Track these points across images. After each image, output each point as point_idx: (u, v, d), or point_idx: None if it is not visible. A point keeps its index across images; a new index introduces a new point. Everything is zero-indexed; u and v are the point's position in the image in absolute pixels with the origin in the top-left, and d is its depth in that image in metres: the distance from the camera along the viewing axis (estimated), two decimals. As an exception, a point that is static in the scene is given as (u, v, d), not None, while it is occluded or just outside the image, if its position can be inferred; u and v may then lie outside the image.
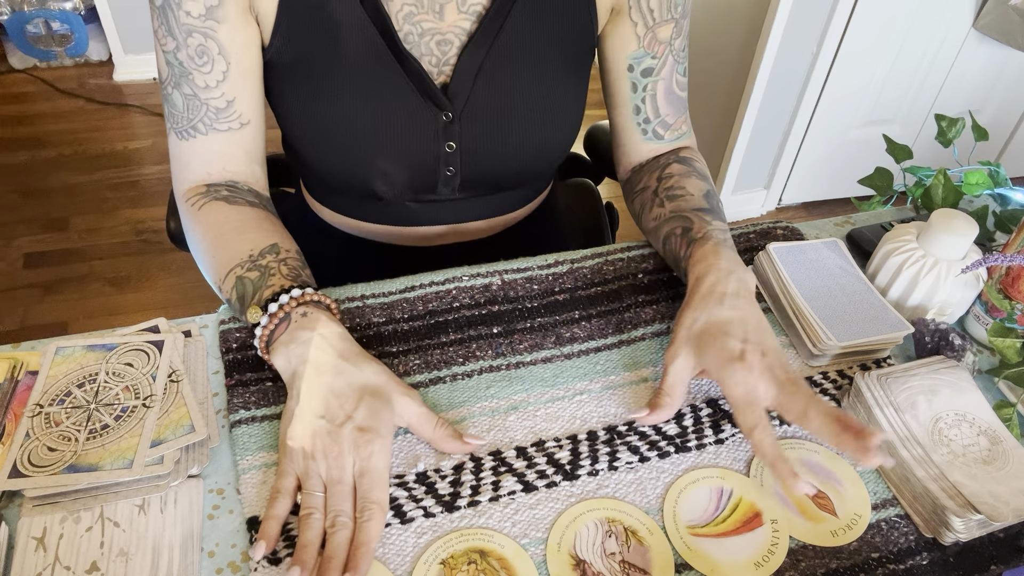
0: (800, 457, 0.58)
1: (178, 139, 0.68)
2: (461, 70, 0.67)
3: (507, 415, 0.59)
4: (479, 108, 0.69)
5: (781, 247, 0.72)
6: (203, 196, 0.67)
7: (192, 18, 0.62)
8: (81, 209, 2.05)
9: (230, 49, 0.64)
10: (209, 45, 0.63)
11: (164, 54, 0.64)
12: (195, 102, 0.65)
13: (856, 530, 0.54)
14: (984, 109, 2.11)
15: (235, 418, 0.57)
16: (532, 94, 0.70)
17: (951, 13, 1.87)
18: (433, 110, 0.68)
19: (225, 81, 0.65)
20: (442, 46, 0.66)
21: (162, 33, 0.63)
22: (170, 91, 0.65)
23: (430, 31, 0.66)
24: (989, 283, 0.68)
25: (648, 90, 0.74)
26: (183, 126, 0.67)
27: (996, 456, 0.56)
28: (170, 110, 0.67)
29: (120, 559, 0.48)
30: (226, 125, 0.67)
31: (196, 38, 0.62)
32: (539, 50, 0.69)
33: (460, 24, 0.66)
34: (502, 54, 0.68)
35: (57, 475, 0.51)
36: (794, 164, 2.12)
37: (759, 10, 1.84)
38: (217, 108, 0.66)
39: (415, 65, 0.66)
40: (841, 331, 0.64)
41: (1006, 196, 0.80)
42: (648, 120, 0.76)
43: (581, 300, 0.70)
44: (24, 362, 0.60)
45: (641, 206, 0.76)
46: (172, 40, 0.63)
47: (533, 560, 0.51)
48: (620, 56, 0.73)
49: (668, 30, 0.72)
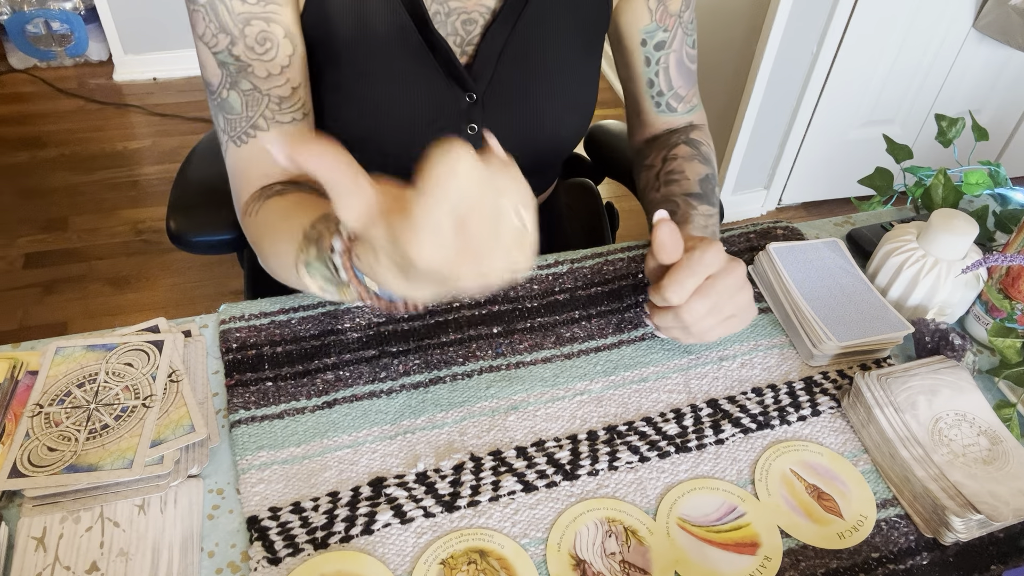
0: (803, 459, 0.58)
1: (236, 147, 0.62)
2: (485, 50, 0.67)
3: (507, 415, 0.59)
4: (501, 90, 0.69)
5: (781, 247, 0.72)
6: (256, 200, 0.62)
7: (250, 5, 0.58)
8: (81, 209, 2.05)
9: (295, 31, 0.61)
10: (272, 30, 0.59)
11: (215, 56, 0.60)
12: (255, 96, 0.61)
13: (863, 531, 0.54)
14: (984, 109, 2.11)
15: (235, 418, 0.57)
16: (552, 76, 0.71)
17: (951, 13, 1.87)
18: (456, 91, 0.68)
19: (291, 66, 0.61)
20: (467, 25, 0.66)
21: (211, 33, 0.59)
22: (225, 95, 0.61)
23: (456, 10, 0.65)
24: (989, 283, 0.68)
25: (661, 63, 0.76)
26: (242, 128, 0.62)
27: (996, 456, 0.56)
28: (225, 117, 0.62)
29: (120, 559, 0.48)
30: (290, 116, 0.63)
31: (256, 25, 0.59)
32: (559, 30, 0.69)
33: (485, 3, 0.66)
34: (524, 34, 0.68)
35: (57, 475, 0.51)
36: (794, 164, 2.11)
37: (759, 10, 1.84)
38: (281, 97, 0.62)
39: (443, 46, 0.65)
40: (841, 331, 0.64)
41: (1006, 196, 0.80)
42: (662, 93, 0.78)
43: (581, 300, 0.70)
44: (24, 362, 0.60)
45: (645, 184, 0.78)
46: (225, 36, 0.59)
47: (533, 560, 0.50)
48: (634, 31, 0.75)
49: (678, 3, 0.73)
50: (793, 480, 0.57)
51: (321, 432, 0.57)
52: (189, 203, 0.86)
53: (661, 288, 0.57)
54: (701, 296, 0.57)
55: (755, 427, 0.60)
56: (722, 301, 0.57)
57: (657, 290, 0.58)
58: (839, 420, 0.62)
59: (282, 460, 0.55)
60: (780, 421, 0.61)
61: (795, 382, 0.64)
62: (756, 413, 0.61)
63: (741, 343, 0.67)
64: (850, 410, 0.61)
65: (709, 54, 2.08)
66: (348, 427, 0.57)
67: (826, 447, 0.59)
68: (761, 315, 0.70)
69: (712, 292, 0.57)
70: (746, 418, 0.61)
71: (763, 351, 0.67)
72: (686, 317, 0.57)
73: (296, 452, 0.55)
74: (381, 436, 0.57)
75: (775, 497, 0.55)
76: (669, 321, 0.59)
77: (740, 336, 0.68)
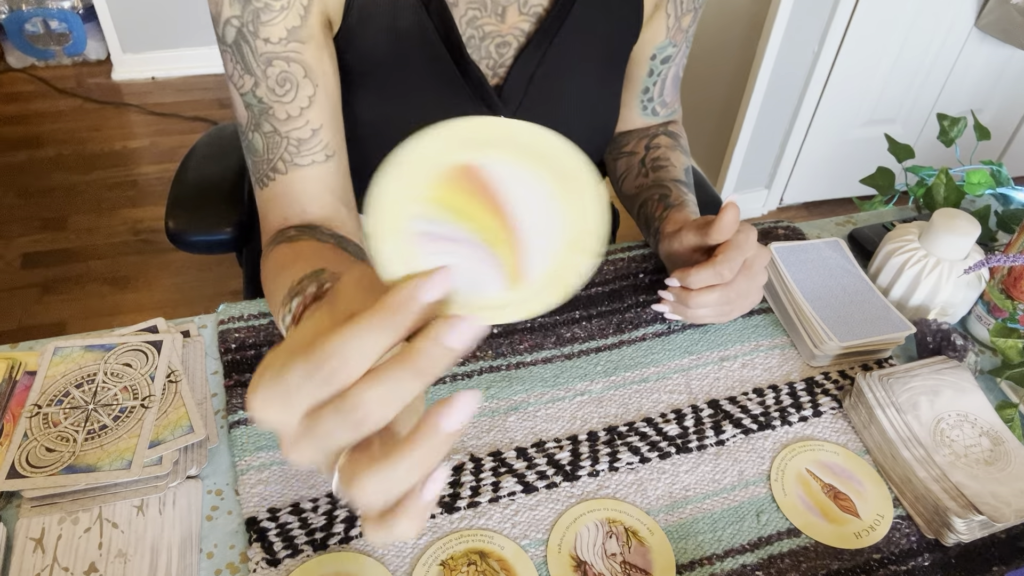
0: (819, 458, 0.58)
1: (259, 189, 0.61)
2: (516, 73, 0.66)
3: (507, 415, 0.59)
4: (530, 112, 0.69)
5: (782, 247, 0.72)
6: (270, 243, 0.60)
7: (272, 44, 0.56)
8: (79, 209, 2.05)
9: (316, 69, 0.58)
10: (293, 70, 0.57)
11: (242, 97, 0.59)
12: (275, 139, 0.59)
13: (880, 530, 0.54)
14: (986, 108, 2.10)
15: (234, 419, 0.57)
16: (581, 98, 0.71)
17: (953, 12, 1.86)
18: (485, 113, 0.67)
19: (311, 107, 0.59)
20: (500, 48, 0.65)
21: (238, 74, 0.58)
22: (251, 137, 0.60)
23: (491, 34, 0.64)
24: (991, 283, 0.68)
25: (661, 75, 0.78)
26: (263, 171, 0.60)
27: (998, 457, 0.56)
28: (252, 160, 0.61)
29: (119, 560, 0.48)
30: (309, 159, 0.60)
31: (278, 66, 0.57)
32: (591, 52, 0.69)
33: (520, 26, 0.65)
34: (556, 57, 0.67)
35: (55, 476, 0.51)
36: (795, 164, 2.11)
37: (760, 9, 1.83)
38: (299, 139, 0.59)
39: (476, 72, 0.65)
40: (843, 331, 0.64)
41: (1008, 196, 0.79)
42: (652, 100, 0.80)
43: (581, 300, 0.69)
44: (22, 362, 0.59)
45: (626, 169, 0.79)
46: (250, 77, 0.57)
47: (533, 561, 0.50)
48: (649, 47, 0.75)
49: (689, 19, 0.74)
50: (809, 480, 0.57)
51: (320, 433, 0.56)
52: (188, 203, 0.86)
53: (715, 264, 0.58)
54: (745, 275, 0.58)
55: (756, 428, 0.60)
56: (754, 282, 0.60)
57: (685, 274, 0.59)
58: (840, 421, 0.61)
59: (281, 461, 0.54)
60: (781, 422, 0.61)
61: (796, 382, 0.64)
62: (757, 414, 0.61)
63: (742, 343, 0.67)
64: (851, 411, 0.61)
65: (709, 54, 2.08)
66: (347, 428, 0.57)
67: (842, 447, 0.59)
68: (762, 315, 0.70)
69: (751, 272, 0.59)
70: (747, 419, 0.61)
71: (764, 351, 0.67)
72: (731, 295, 0.59)
73: (295, 453, 0.55)
74: (381, 437, 0.57)
75: (791, 497, 0.55)
76: (712, 299, 0.59)
77: (741, 336, 0.68)
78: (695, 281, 0.58)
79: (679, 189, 0.71)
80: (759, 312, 0.70)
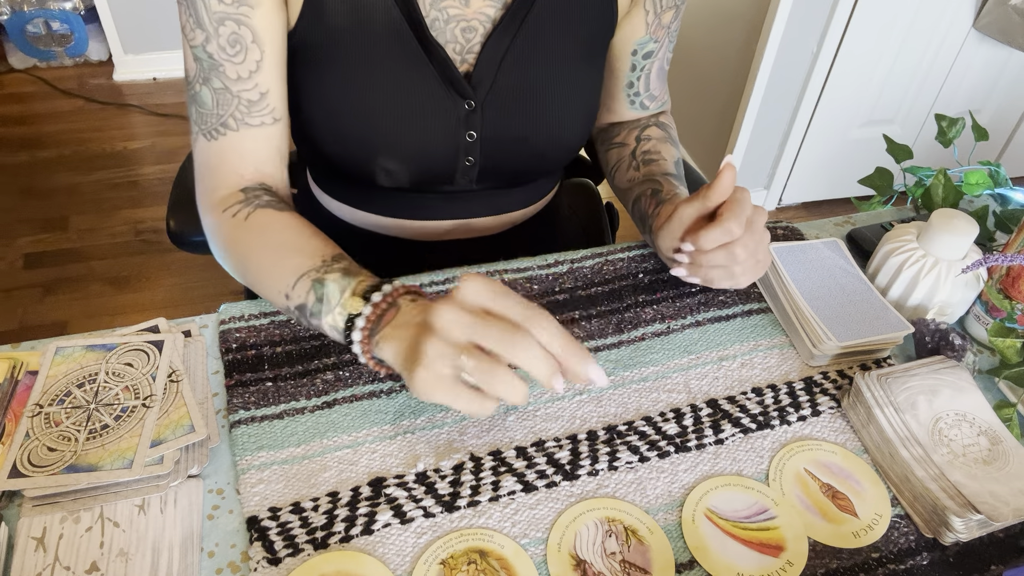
0: (817, 458, 0.58)
1: (206, 141, 0.64)
2: (485, 58, 0.67)
3: (507, 415, 0.59)
4: (501, 97, 0.69)
5: (781, 247, 0.72)
6: (243, 204, 0.63)
7: (224, 5, 0.59)
8: (81, 209, 2.05)
9: (264, 36, 0.61)
10: (242, 32, 0.60)
11: (192, 50, 0.61)
12: (226, 96, 0.62)
13: (878, 530, 0.54)
14: (984, 109, 2.11)
15: (235, 418, 0.57)
16: (554, 84, 0.71)
17: (951, 13, 1.87)
18: (455, 98, 0.68)
19: (259, 71, 0.62)
20: (466, 33, 0.66)
21: (190, 26, 0.60)
22: (198, 89, 0.62)
23: (456, 17, 0.65)
24: (989, 283, 0.68)
25: (644, 70, 0.79)
26: (212, 124, 0.63)
27: (996, 456, 0.56)
28: (198, 111, 0.63)
29: (120, 559, 0.48)
30: (259, 120, 0.63)
31: (228, 26, 0.59)
32: (562, 40, 0.70)
33: (485, 11, 0.66)
34: (526, 43, 0.68)
35: (57, 475, 0.51)
36: (794, 164, 2.12)
37: (759, 10, 1.84)
38: (250, 101, 0.62)
39: (440, 53, 0.65)
40: (841, 331, 0.64)
41: (1006, 196, 0.80)
42: (638, 94, 0.81)
43: (581, 300, 0.70)
44: (24, 362, 0.60)
45: (617, 161, 0.81)
46: (201, 32, 0.60)
47: (533, 560, 0.50)
48: (628, 42, 0.76)
49: (670, 16, 0.75)
50: (807, 479, 0.57)
51: (321, 432, 0.57)
52: (189, 203, 0.86)
53: (722, 222, 0.59)
54: (750, 231, 0.61)
55: (755, 427, 0.60)
56: (759, 238, 0.62)
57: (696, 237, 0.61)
58: (839, 420, 0.62)
59: (282, 460, 0.55)
60: (780, 421, 0.61)
61: (795, 382, 0.64)
62: (756, 413, 0.61)
63: (741, 343, 0.67)
64: (850, 410, 0.61)
65: (709, 54, 2.08)
66: (348, 427, 0.57)
67: (840, 446, 0.59)
68: (761, 315, 0.70)
69: (755, 229, 0.61)
70: (746, 418, 0.61)
71: (763, 351, 0.67)
72: (739, 252, 0.61)
73: (296, 452, 0.55)
74: (381, 436, 0.57)
75: (789, 496, 0.55)
76: (720, 259, 0.61)
77: (740, 336, 0.68)
78: (707, 241, 0.60)
79: (670, 183, 0.72)
80: (758, 312, 0.70)
